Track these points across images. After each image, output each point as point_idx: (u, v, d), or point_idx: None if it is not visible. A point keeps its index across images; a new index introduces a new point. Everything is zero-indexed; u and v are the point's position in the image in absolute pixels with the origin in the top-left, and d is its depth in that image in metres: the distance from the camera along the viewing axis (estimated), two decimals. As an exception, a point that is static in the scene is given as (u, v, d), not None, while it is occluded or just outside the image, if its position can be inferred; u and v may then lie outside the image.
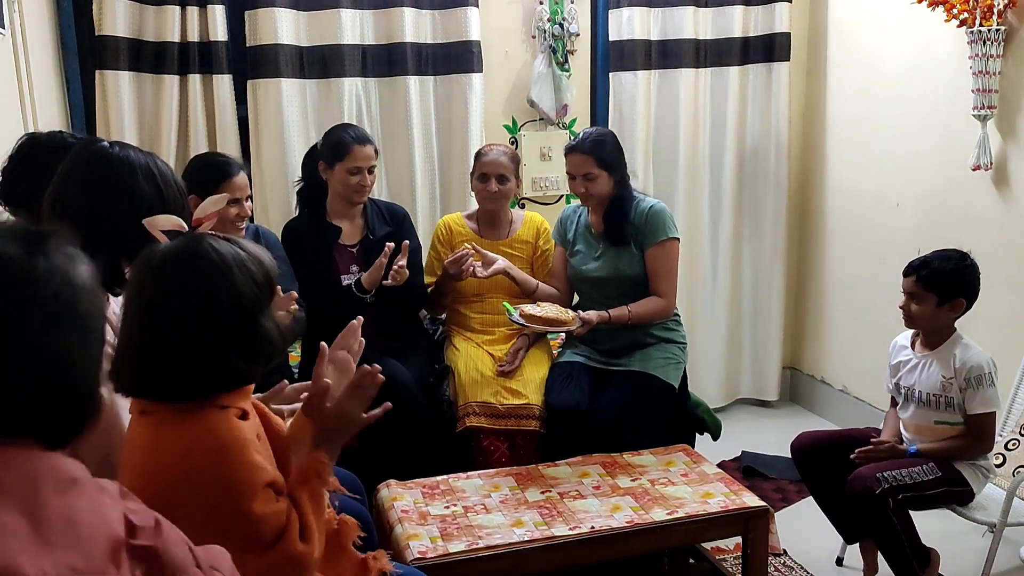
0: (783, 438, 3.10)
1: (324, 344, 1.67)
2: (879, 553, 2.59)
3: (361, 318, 1.80)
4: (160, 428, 1.42)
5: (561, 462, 2.63)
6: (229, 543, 1.39)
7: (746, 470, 3.57)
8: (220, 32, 3.37)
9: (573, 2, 3.79)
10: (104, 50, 3.27)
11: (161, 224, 1.50)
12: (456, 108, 3.68)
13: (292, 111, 3.49)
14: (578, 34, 3.81)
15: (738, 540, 2.58)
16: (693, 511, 2.34)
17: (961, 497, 2.50)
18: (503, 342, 3.10)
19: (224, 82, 3.42)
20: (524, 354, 3.05)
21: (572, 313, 2.83)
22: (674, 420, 2.98)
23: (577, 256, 3.08)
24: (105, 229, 1.64)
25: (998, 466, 2.66)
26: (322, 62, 3.53)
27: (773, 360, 4.24)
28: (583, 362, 2.97)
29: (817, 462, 2.67)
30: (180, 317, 1.38)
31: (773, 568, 2.78)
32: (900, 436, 2.65)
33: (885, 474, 2.41)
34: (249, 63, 3.46)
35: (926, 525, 2.52)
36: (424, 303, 3.23)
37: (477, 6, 3.62)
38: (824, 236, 4.12)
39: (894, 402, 2.73)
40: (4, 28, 2.58)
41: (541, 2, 3.75)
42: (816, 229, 4.17)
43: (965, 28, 3.05)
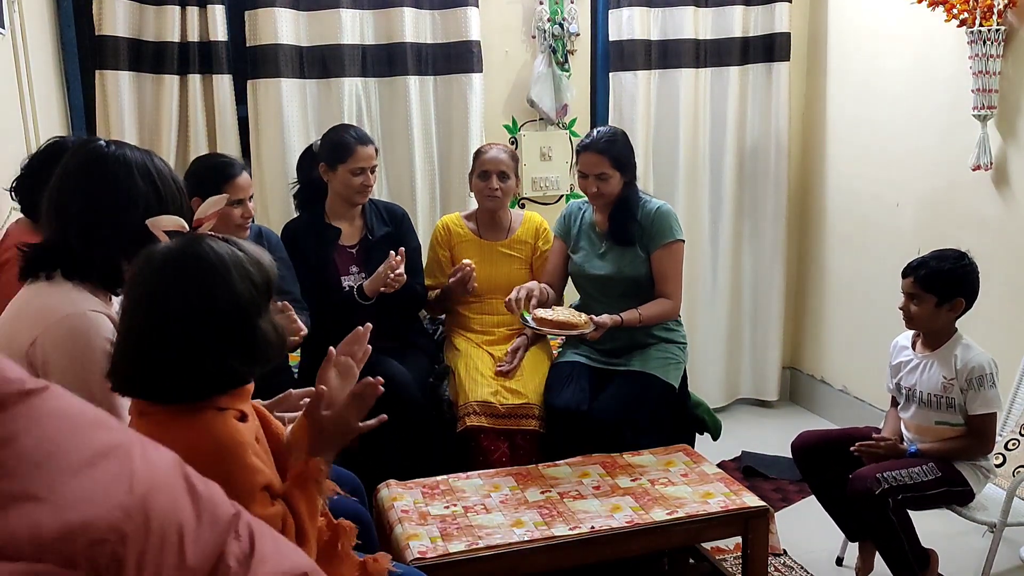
0: (783, 438, 3.10)
1: (332, 349, 1.67)
2: (876, 554, 2.59)
3: (370, 325, 1.77)
4: (159, 429, 1.42)
5: (561, 462, 2.63)
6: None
7: (746, 470, 3.57)
8: (220, 32, 3.37)
9: (573, 2, 3.79)
10: (104, 50, 3.27)
11: (164, 224, 1.50)
12: (456, 108, 3.68)
13: (292, 111, 3.49)
14: (578, 34, 3.81)
15: (738, 540, 2.58)
16: (693, 511, 2.34)
17: (961, 497, 2.50)
18: (503, 342, 3.10)
19: (224, 82, 3.42)
20: (523, 353, 3.05)
21: (585, 317, 2.81)
22: (674, 420, 2.99)
23: (580, 254, 3.08)
24: (102, 228, 1.64)
25: (998, 466, 2.66)
26: (322, 62, 3.53)
27: (773, 360, 4.24)
28: (583, 362, 2.97)
29: (817, 461, 2.67)
30: (177, 318, 1.38)
31: (773, 568, 2.78)
32: (901, 436, 2.65)
33: (885, 474, 2.41)
34: (249, 63, 3.46)
35: (926, 525, 2.52)
36: (423, 304, 3.23)
37: (477, 6, 3.62)
38: (824, 236, 4.12)
39: (895, 402, 2.73)
40: (4, 28, 2.58)
41: (541, 2, 3.75)
42: (816, 229, 4.17)
43: (965, 28, 3.05)
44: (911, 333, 2.66)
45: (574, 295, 3.22)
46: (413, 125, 3.63)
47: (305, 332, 2.57)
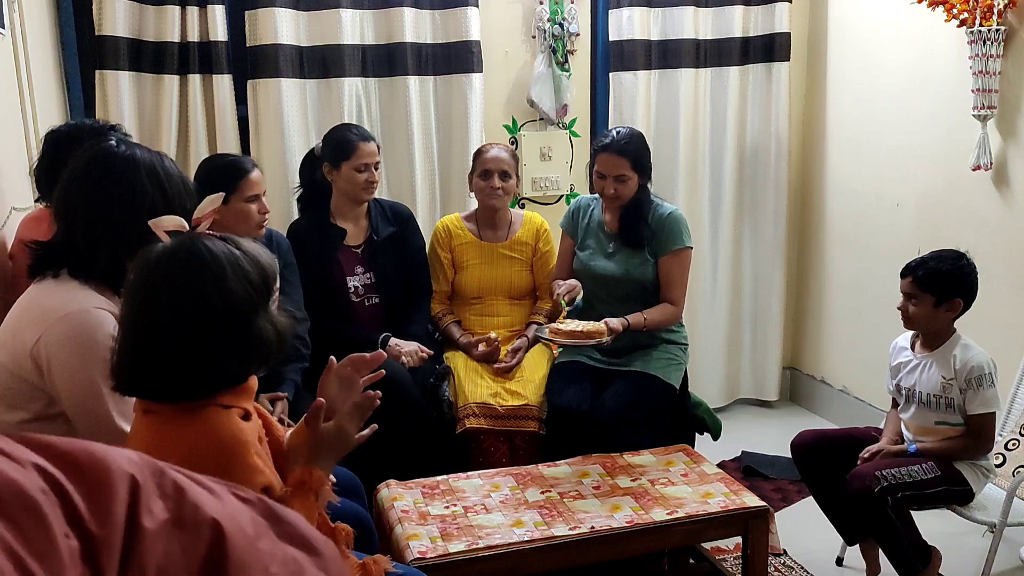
0: (783, 438, 3.10)
1: (333, 359, 1.64)
2: (880, 552, 2.59)
3: (383, 353, 1.69)
4: (162, 427, 1.43)
5: (561, 462, 2.63)
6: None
7: (746, 470, 3.56)
8: (220, 32, 3.37)
9: (573, 2, 3.78)
10: (104, 50, 3.27)
11: (165, 224, 1.50)
12: (456, 108, 3.68)
13: (292, 111, 3.49)
14: (578, 34, 3.81)
15: (738, 540, 2.58)
16: (693, 511, 2.34)
17: (961, 497, 2.50)
18: (503, 343, 3.10)
19: (224, 82, 3.41)
20: (523, 354, 3.05)
21: (601, 325, 2.79)
22: (674, 420, 2.98)
23: (586, 251, 3.07)
24: (108, 227, 1.65)
25: (998, 466, 2.66)
26: (322, 62, 3.53)
27: (773, 360, 4.24)
28: (585, 362, 2.97)
29: (817, 461, 2.67)
30: (171, 317, 1.38)
31: (773, 568, 2.78)
32: (901, 437, 2.65)
33: (884, 473, 2.41)
34: (249, 63, 3.45)
35: (926, 525, 2.52)
36: (428, 298, 3.22)
37: (477, 6, 3.62)
38: (824, 236, 4.12)
39: (895, 403, 2.73)
40: (4, 28, 2.58)
41: (541, 2, 3.75)
42: (816, 229, 4.17)
43: (965, 28, 3.05)
44: (910, 334, 2.66)
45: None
46: (413, 125, 3.63)
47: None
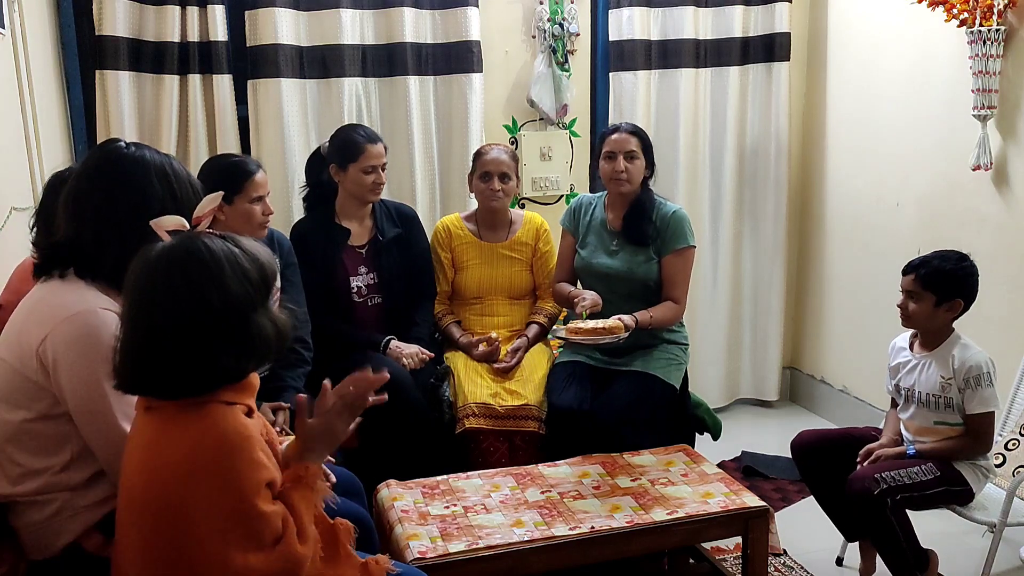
0: (783, 438, 3.10)
1: (327, 383, 1.60)
2: (878, 554, 2.59)
3: (387, 375, 1.63)
4: (165, 424, 1.43)
5: (561, 462, 2.63)
6: (230, 539, 1.40)
7: (746, 470, 3.57)
8: (220, 32, 3.37)
9: (573, 2, 3.79)
10: (104, 50, 3.27)
11: (166, 224, 1.51)
12: (456, 108, 3.68)
13: (292, 111, 3.49)
14: (578, 34, 3.81)
15: (738, 540, 2.58)
16: (693, 511, 2.34)
17: (961, 497, 2.50)
18: (503, 343, 3.10)
19: (224, 82, 3.41)
20: (523, 354, 3.05)
21: (618, 322, 2.77)
22: (674, 420, 2.98)
23: (587, 248, 3.07)
24: (116, 228, 1.66)
25: (998, 466, 2.66)
26: (322, 62, 3.53)
27: (773, 360, 4.24)
28: (585, 362, 2.97)
29: (817, 461, 2.67)
30: (170, 315, 1.39)
31: (773, 568, 2.78)
32: (900, 437, 2.65)
33: (884, 474, 2.41)
34: (249, 63, 3.45)
35: (926, 525, 2.52)
36: (432, 300, 3.21)
37: (477, 6, 3.62)
38: (824, 236, 4.12)
39: (894, 403, 2.73)
40: (4, 28, 2.58)
41: (541, 2, 3.75)
42: (816, 229, 4.17)
43: (965, 28, 3.05)
44: (909, 334, 2.66)
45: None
46: (413, 125, 3.63)
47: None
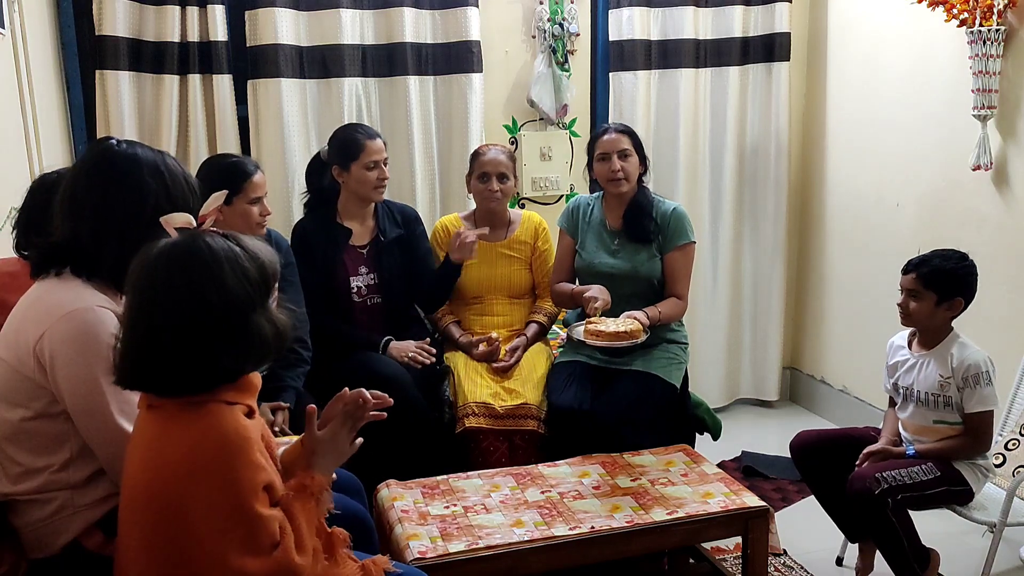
0: (783, 438, 3.10)
1: (312, 407, 1.63)
2: (877, 554, 2.59)
3: (391, 402, 1.71)
4: (166, 422, 1.43)
5: (561, 462, 2.63)
6: (228, 540, 1.40)
7: (746, 470, 3.57)
8: (220, 32, 3.37)
9: (573, 2, 3.79)
10: (104, 50, 3.27)
11: (175, 222, 1.51)
12: (456, 108, 3.68)
13: (292, 111, 3.49)
14: (578, 34, 3.81)
15: (738, 540, 2.58)
16: (693, 511, 2.34)
17: (961, 497, 2.50)
18: (502, 343, 3.10)
19: (224, 82, 3.42)
20: (522, 353, 3.05)
21: (637, 323, 2.76)
22: (674, 420, 2.98)
23: (588, 249, 3.07)
24: (112, 225, 1.66)
25: (998, 466, 2.66)
26: (322, 62, 3.53)
27: (773, 360, 4.25)
28: (585, 361, 2.97)
29: (817, 461, 2.67)
30: (170, 313, 1.39)
31: (773, 568, 2.78)
32: (899, 436, 2.65)
33: (884, 474, 2.41)
34: (249, 63, 3.46)
35: (926, 525, 2.52)
36: (438, 303, 3.22)
37: (477, 6, 3.62)
38: (824, 236, 4.12)
39: (892, 402, 2.73)
40: (4, 28, 2.59)
41: (541, 2, 3.75)
42: (816, 229, 4.17)
43: (965, 28, 3.05)
44: (907, 333, 2.66)
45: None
46: (413, 125, 3.63)
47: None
